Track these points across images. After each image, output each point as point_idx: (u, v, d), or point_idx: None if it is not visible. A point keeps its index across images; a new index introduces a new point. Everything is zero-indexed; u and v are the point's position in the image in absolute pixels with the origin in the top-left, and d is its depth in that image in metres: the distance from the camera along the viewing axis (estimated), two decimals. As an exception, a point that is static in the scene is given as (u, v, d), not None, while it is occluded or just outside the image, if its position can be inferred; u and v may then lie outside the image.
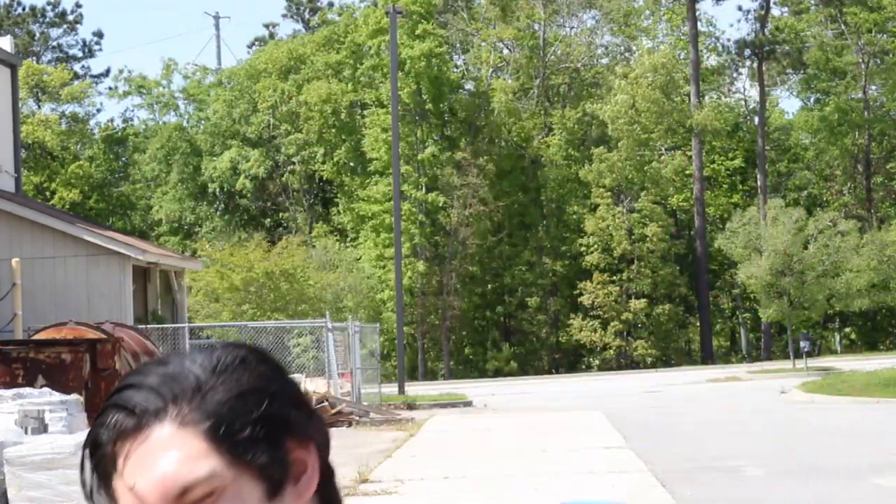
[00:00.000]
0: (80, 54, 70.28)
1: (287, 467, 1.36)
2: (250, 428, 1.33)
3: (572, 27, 61.06)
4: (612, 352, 53.87)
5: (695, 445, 18.17)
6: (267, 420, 1.34)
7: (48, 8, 69.20)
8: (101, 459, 1.34)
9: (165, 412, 1.33)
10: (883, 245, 50.42)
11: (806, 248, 48.17)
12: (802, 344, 41.15)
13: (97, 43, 74.84)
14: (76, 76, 68.04)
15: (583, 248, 55.11)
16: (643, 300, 53.97)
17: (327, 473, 1.41)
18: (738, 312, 60.73)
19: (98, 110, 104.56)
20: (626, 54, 61.91)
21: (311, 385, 25.73)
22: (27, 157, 59.33)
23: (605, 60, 62.14)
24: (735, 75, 63.40)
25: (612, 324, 53.71)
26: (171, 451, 1.31)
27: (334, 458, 1.43)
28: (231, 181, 59.85)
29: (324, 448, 1.41)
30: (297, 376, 26.89)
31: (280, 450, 1.35)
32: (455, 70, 59.50)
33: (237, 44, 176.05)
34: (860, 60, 57.56)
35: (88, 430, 1.38)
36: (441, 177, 54.12)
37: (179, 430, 1.32)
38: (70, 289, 26.95)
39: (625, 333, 54.34)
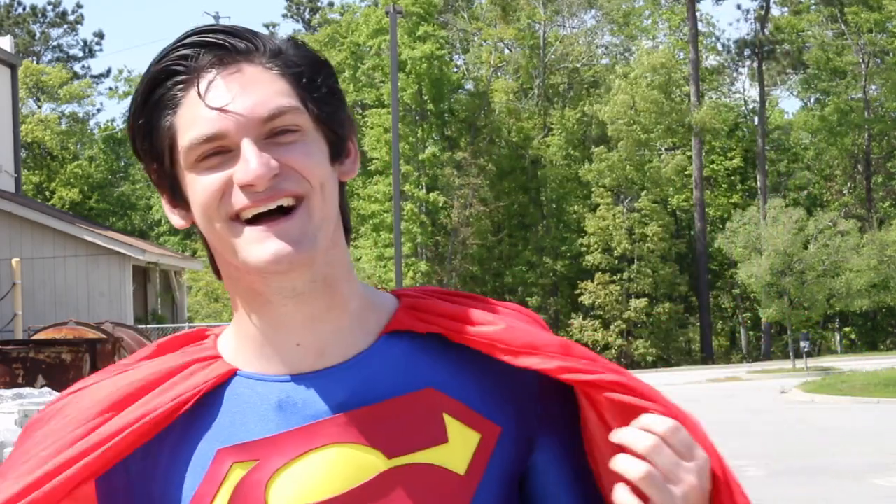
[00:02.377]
0: (80, 54, 70.30)
1: (346, 142, 1.47)
2: (326, 90, 1.44)
3: (572, 27, 61.08)
4: (613, 352, 53.83)
5: (695, 445, 18.06)
6: (336, 94, 1.46)
7: (48, 8, 69.23)
8: (170, 89, 1.40)
9: (254, 55, 1.42)
10: (883, 245, 50.40)
11: (806, 248, 48.17)
12: (802, 344, 41.14)
13: (97, 43, 74.91)
14: (76, 76, 68.03)
15: (583, 248, 55.10)
16: (643, 300, 53.94)
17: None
18: (738, 312, 60.73)
19: (98, 110, 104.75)
20: (626, 54, 61.92)
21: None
22: (27, 157, 59.33)
23: (605, 60, 62.15)
24: (735, 75, 63.43)
25: (615, 323, 53.67)
26: (261, 84, 1.40)
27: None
28: (231, 181, 59.90)
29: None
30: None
31: (343, 126, 1.46)
32: (455, 70, 59.49)
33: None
34: (860, 60, 57.54)
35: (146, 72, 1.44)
36: (441, 177, 54.11)
37: (266, 71, 1.41)
38: (70, 289, 26.97)
39: (625, 333, 54.32)
